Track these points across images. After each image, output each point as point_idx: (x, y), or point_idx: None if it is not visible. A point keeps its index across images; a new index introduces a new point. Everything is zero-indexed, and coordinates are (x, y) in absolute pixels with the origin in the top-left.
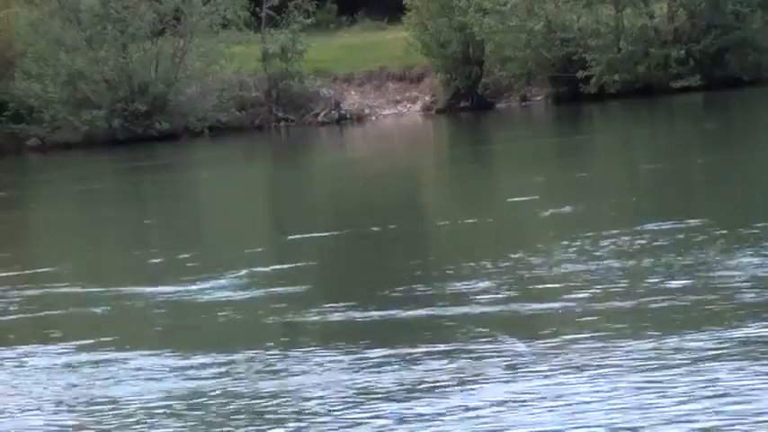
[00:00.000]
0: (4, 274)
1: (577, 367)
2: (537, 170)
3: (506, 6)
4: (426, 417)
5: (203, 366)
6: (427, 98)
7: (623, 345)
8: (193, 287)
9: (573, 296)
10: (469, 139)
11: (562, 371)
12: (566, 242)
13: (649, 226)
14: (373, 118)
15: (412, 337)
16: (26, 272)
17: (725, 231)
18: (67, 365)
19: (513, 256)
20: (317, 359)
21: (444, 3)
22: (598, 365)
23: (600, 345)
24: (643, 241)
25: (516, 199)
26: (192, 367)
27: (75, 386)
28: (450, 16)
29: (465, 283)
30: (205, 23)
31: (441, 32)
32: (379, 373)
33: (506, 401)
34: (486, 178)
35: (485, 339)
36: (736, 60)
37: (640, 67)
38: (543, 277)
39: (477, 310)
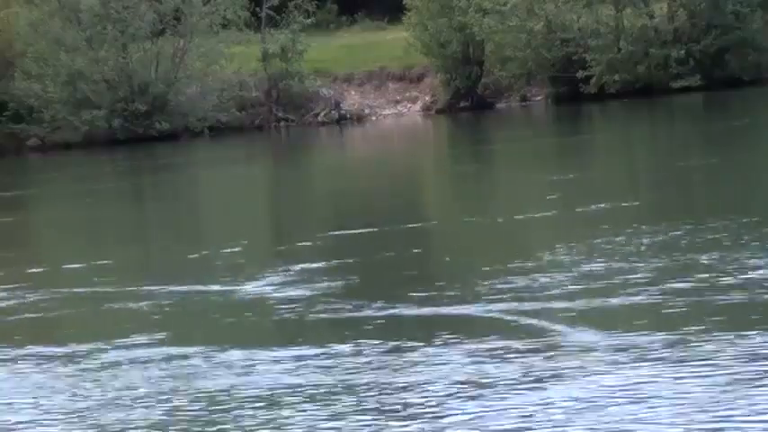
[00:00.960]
0: (39, 270)
1: (652, 362)
2: (540, 170)
3: (506, 6)
4: (521, 410)
5: (278, 360)
6: (427, 98)
7: (694, 340)
8: (238, 285)
9: (629, 291)
10: (470, 139)
11: (638, 365)
12: (594, 240)
13: (667, 224)
14: (373, 118)
15: (475, 334)
16: (64, 269)
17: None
18: (147, 360)
19: (537, 254)
20: (401, 353)
21: (444, 3)
22: (679, 360)
23: (673, 340)
24: (681, 238)
25: (528, 198)
26: (269, 361)
27: (162, 379)
28: (450, 16)
29: (502, 279)
30: (205, 23)
31: (441, 32)
32: (465, 366)
33: (583, 397)
34: (501, 177)
35: (553, 334)
36: (736, 60)
37: (640, 67)
38: (594, 274)
39: (538, 306)
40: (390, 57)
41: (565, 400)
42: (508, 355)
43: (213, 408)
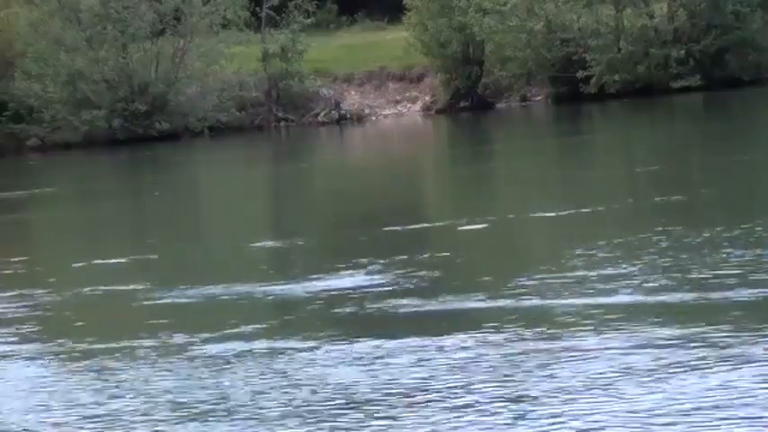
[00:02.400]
0: (80, 265)
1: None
2: (543, 170)
3: (506, 6)
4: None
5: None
6: (427, 98)
7: None
8: (312, 282)
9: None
10: (471, 139)
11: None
12: (617, 239)
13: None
14: (373, 118)
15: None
16: (93, 266)
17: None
18: (242, 354)
19: (573, 252)
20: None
21: (444, 3)
22: None
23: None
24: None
25: (551, 196)
26: (380, 354)
27: (283, 372)
28: (450, 16)
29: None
30: (205, 23)
31: (441, 32)
32: (575, 362)
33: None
34: (516, 176)
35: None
36: (736, 60)
37: (640, 67)
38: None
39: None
40: (390, 57)
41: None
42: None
43: (350, 400)
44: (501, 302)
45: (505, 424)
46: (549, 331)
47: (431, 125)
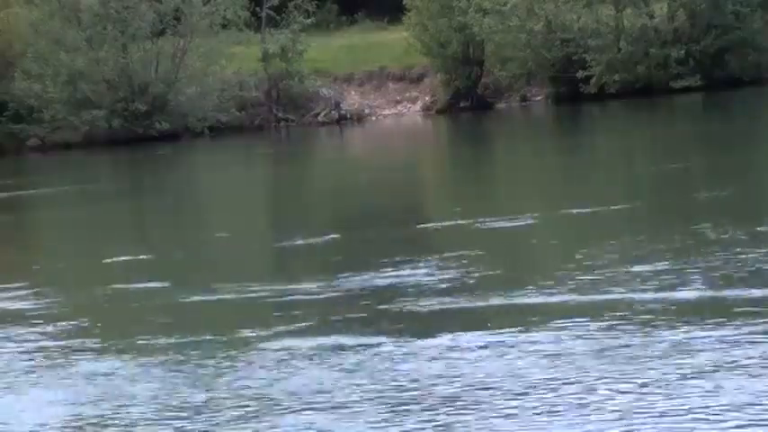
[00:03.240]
0: (112, 260)
1: None
2: (553, 169)
3: (506, 6)
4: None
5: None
6: (427, 98)
7: None
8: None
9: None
10: (473, 139)
11: None
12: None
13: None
14: (373, 118)
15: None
16: (112, 263)
17: None
18: (312, 349)
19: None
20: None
21: (444, 3)
22: None
23: None
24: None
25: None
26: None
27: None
28: (450, 16)
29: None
30: (205, 23)
31: (441, 32)
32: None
33: None
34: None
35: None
36: (736, 60)
37: (640, 67)
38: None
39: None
40: (390, 57)
41: None
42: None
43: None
44: (567, 297)
45: (607, 419)
46: (633, 324)
47: (431, 125)
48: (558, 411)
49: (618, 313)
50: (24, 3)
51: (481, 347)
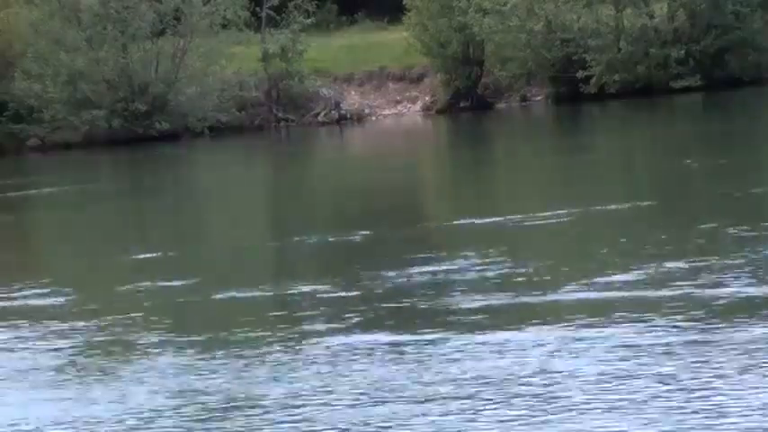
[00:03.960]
0: (149, 256)
1: None
2: (563, 169)
3: (506, 6)
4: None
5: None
6: (427, 98)
7: None
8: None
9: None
10: (473, 139)
11: None
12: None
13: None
14: (373, 118)
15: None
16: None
17: None
18: (370, 344)
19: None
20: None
21: (444, 3)
22: None
23: None
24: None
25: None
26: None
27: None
28: (450, 16)
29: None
30: (205, 23)
31: (441, 32)
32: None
33: None
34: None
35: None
36: (736, 60)
37: (640, 67)
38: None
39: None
40: (390, 57)
41: None
42: None
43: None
44: (611, 293)
45: (685, 413)
46: (706, 320)
47: (431, 125)
48: (635, 406)
49: (674, 308)
50: (24, 3)
51: (539, 344)
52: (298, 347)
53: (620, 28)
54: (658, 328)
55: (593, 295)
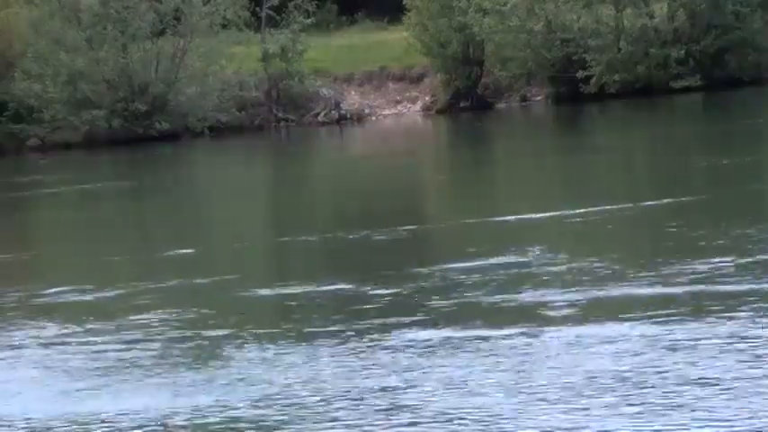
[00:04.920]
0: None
1: None
2: (571, 169)
3: (506, 6)
4: None
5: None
6: (427, 98)
7: None
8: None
9: None
10: (473, 139)
11: None
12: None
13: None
14: (373, 118)
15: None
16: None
17: None
18: (449, 340)
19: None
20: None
21: (444, 3)
22: None
23: None
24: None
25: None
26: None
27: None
28: (450, 16)
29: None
30: (205, 23)
31: (441, 32)
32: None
33: None
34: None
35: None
36: (736, 60)
37: (640, 67)
38: None
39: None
40: (390, 57)
41: None
42: None
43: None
44: (667, 289)
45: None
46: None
47: (431, 125)
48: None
49: (728, 304)
50: (24, 3)
51: (627, 338)
52: (379, 341)
53: (620, 28)
54: (746, 321)
55: (666, 290)
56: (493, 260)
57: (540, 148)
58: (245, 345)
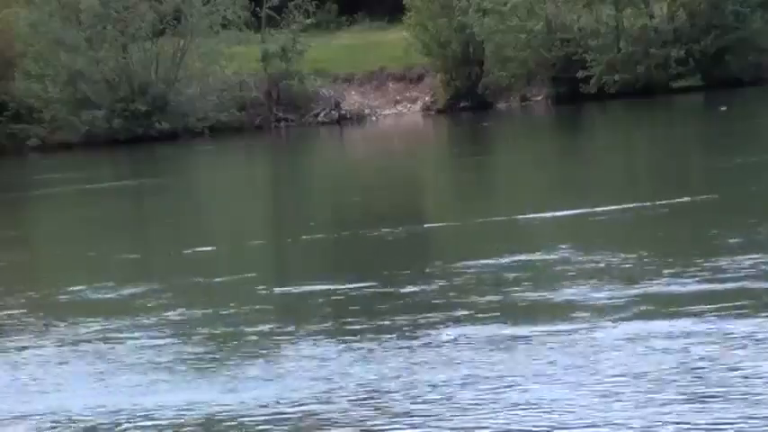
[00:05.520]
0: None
1: None
2: (579, 169)
3: (506, 6)
4: None
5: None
6: (427, 98)
7: None
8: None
9: None
10: (473, 139)
11: None
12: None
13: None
14: (373, 118)
15: None
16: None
17: None
18: (513, 337)
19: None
20: None
21: (444, 3)
22: None
23: None
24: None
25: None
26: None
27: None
28: (450, 16)
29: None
30: (205, 23)
31: (441, 32)
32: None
33: None
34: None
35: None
36: (736, 60)
37: (640, 67)
38: None
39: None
40: (390, 57)
41: None
42: None
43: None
44: (733, 284)
45: None
46: None
47: (431, 125)
48: None
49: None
50: (24, 3)
51: (679, 335)
52: (428, 337)
53: (620, 28)
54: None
55: (712, 286)
56: (524, 257)
57: (549, 149)
58: (296, 341)
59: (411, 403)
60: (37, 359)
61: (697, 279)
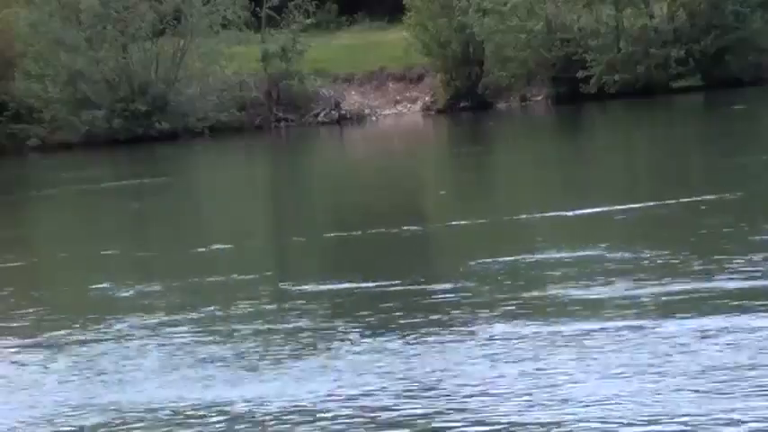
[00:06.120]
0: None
1: None
2: (583, 168)
3: (506, 6)
4: None
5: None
6: (427, 98)
7: None
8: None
9: None
10: (473, 139)
11: None
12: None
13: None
14: (373, 118)
15: None
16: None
17: None
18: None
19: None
20: None
21: (444, 3)
22: None
23: None
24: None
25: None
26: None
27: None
28: (450, 16)
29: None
30: (205, 23)
31: (441, 32)
32: None
33: None
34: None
35: None
36: (736, 60)
37: (640, 67)
38: None
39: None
40: (390, 57)
41: None
42: None
43: None
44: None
45: None
46: None
47: (431, 125)
48: None
49: None
50: (24, 3)
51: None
52: (471, 334)
53: (620, 28)
54: None
55: (753, 283)
56: (555, 255)
57: (549, 149)
58: (344, 336)
59: (464, 397)
60: (96, 354)
61: (734, 276)
